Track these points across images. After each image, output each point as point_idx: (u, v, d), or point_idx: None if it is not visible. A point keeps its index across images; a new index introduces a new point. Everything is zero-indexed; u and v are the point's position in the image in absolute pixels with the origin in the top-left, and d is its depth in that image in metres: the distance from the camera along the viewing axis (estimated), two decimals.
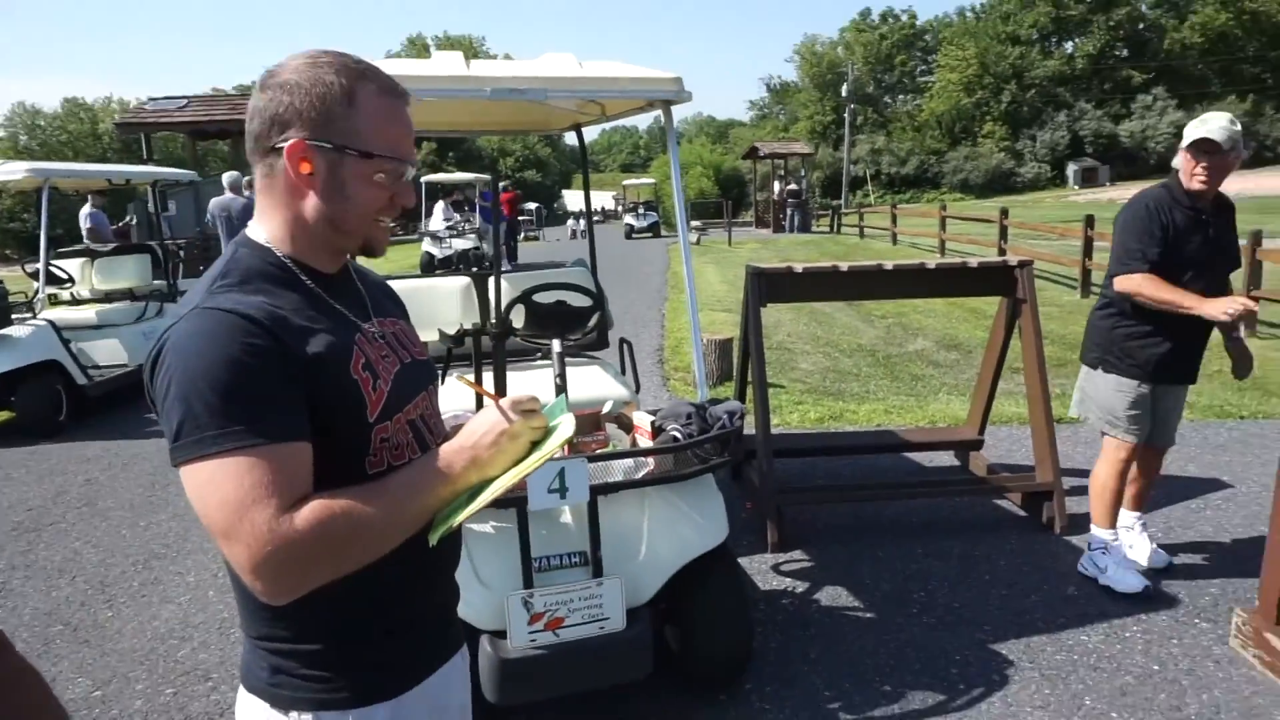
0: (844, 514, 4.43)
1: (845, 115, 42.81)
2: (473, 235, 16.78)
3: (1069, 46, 58.85)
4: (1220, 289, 3.39)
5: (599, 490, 2.55)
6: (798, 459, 5.11)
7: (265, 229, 1.24)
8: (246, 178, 10.25)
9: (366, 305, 1.33)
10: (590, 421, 2.73)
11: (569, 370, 3.81)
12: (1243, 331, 3.27)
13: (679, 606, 2.81)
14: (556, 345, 3.24)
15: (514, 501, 2.48)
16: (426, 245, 16.53)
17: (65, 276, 7.77)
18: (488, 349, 3.20)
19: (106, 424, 6.94)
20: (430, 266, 15.66)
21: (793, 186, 28.44)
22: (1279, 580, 2.92)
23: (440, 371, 3.28)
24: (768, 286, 4.17)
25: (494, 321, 3.16)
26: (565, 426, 1.25)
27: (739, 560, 3.92)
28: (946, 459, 5.18)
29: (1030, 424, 4.32)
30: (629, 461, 2.64)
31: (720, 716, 2.83)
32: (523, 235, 29.41)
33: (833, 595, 3.61)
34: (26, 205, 33.47)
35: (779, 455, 4.91)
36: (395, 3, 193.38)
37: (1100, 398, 3.52)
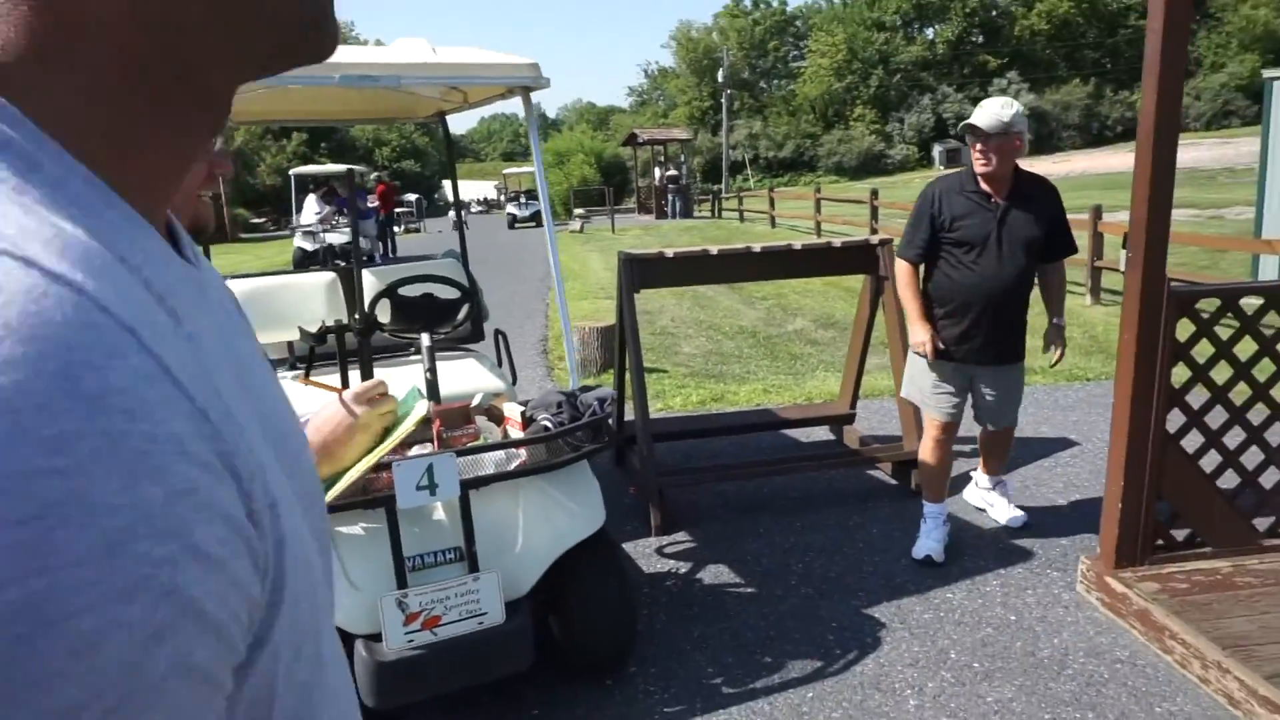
0: (725, 494, 4.53)
1: (722, 100, 43.52)
2: (346, 228, 16.24)
3: (930, 33, 61.58)
4: (1016, 269, 3.44)
5: (469, 484, 2.51)
6: (680, 442, 5.18)
7: None
8: None
9: None
10: (460, 415, 2.68)
11: (442, 364, 3.74)
12: (1062, 320, 3.67)
13: (559, 596, 2.80)
14: (425, 339, 3.16)
15: (383, 500, 2.42)
16: (299, 240, 15.91)
17: None
18: (353, 346, 3.10)
19: None
20: (304, 262, 15.08)
21: (673, 172, 28.71)
22: (1114, 528, 3.16)
23: (304, 370, 3.16)
24: (640, 272, 4.19)
25: (356, 317, 3.06)
26: (418, 408, 1.25)
27: (623, 545, 3.95)
28: (822, 434, 5.35)
29: (897, 396, 4.51)
30: (500, 454, 2.61)
31: (606, 700, 2.85)
32: (403, 228, 28.67)
33: (715, 573, 3.68)
34: None
35: (660, 439, 4.96)
36: None
37: (913, 376, 3.74)
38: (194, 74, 0.40)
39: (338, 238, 16.03)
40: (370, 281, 3.83)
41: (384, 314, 3.33)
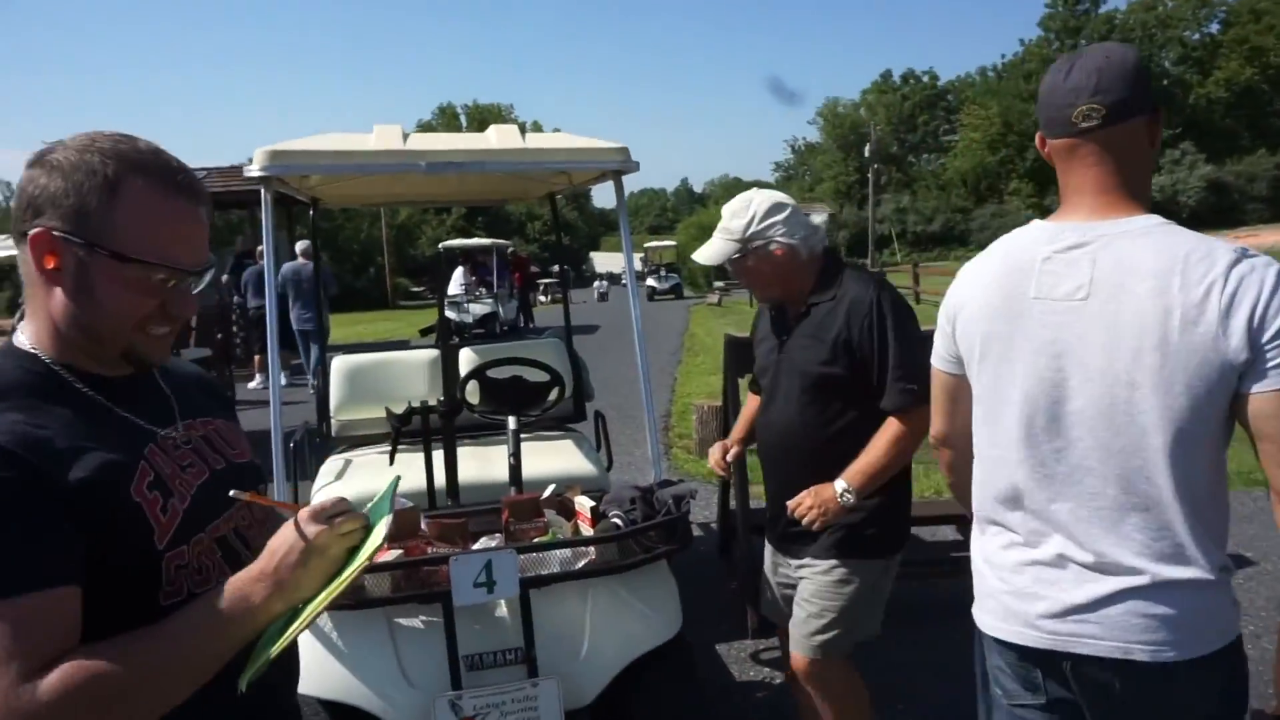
0: None
1: (869, 175, 43.05)
2: (489, 300, 16.90)
3: None
4: (798, 416, 2.43)
5: (530, 583, 2.37)
6: None
7: (31, 330, 1.09)
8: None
9: (172, 407, 1.20)
10: (529, 507, 2.56)
11: (537, 445, 3.68)
12: (851, 489, 2.33)
13: (626, 709, 2.59)
14: (511, 423, 3.10)
15: (439, 595, 2.32)
16: (447, 310, 16.64)
17: None
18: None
19: None
20: (449, 332, 15.75)
21: None
22: None
23: (389, 454, 3.15)
24: (746, 354, 4.00)
25: (442, 399, 3.04)
26: (381, 526, 1.11)
27: (717, 647, 3.69)
28: (950, 534, 4.91)
29: None
30: (566, 551, 2.47)
31: None
32: (549, 298, 29.61)
33: None
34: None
35: (761, 532, 4.70)
36: (427, 74, 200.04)
37: None
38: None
39: (480, 308, 16.73)
40: (468, 360, 3.83)
41: (476, 395, 3.31)
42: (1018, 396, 1.49)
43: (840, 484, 2.30)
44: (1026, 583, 1.50)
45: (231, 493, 1.10)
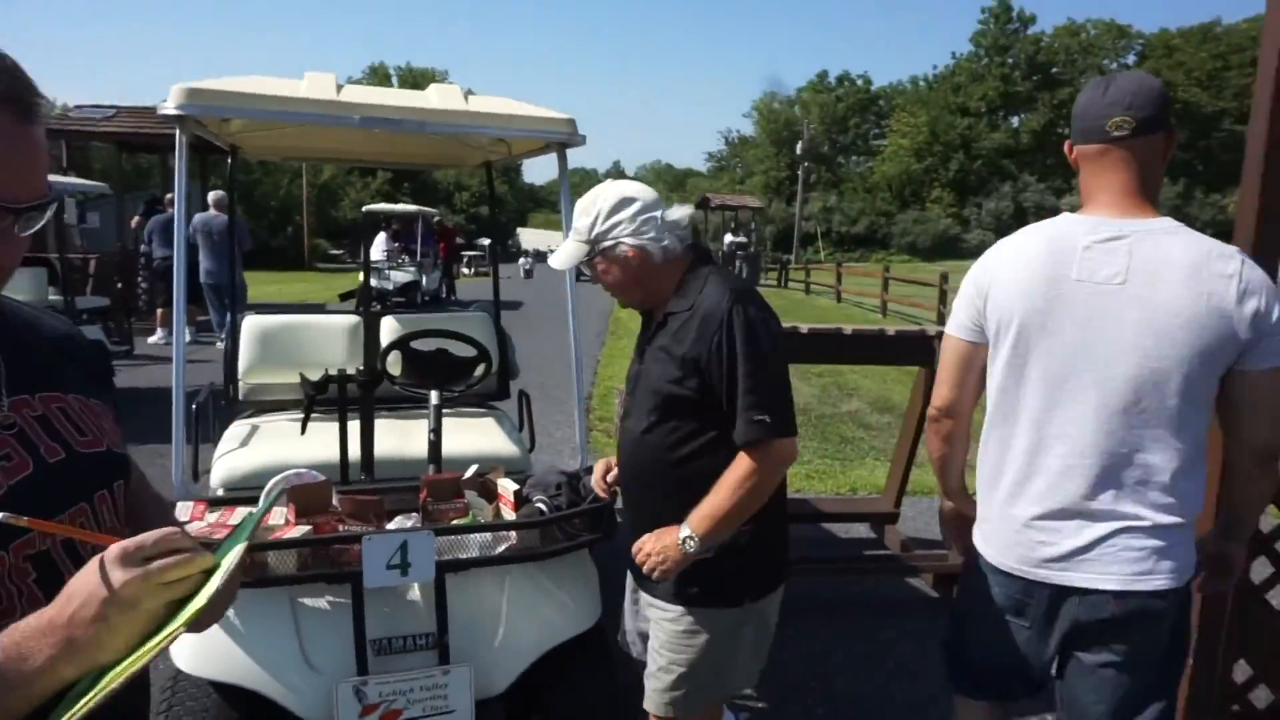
0: None
1: (799, 172, 43.62)
2: (412, 268, 16.46)
3: (1015, 121, 61.07)
4: (642, 435, 2.09)
5: (446, 567, 2.26)
6: None
7: None
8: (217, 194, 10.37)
9: None
10: (449, 487, 2.45)
11: (458, 422, 3.55)
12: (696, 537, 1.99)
13: (540, 698, 2.52)
14: (434, 397, 2.97)
15: (348, 575, 2.19)
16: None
17: None
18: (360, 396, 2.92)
19: None
20: (370, 298, 15.27)
21: (740, 239, 28.66)
22: (1185, 688, 2.74)
23: (300, 422, 2.98)
24: None
25: (361, 368, 2.88)
26: (220, 571, 0.86)
27: None
28: (863, 530, 4.98)
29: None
30: (486, 535, 2.37)
31: None
32: (473, 270, 29.10)
33: None
34: None
35: None
36: (361, 31, 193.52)
37: None
38: None
39: (402, 276, 16.28)
40: (391, 329, 3.67)
41: (398, 366, 3.16)
42: (1054, 363, 1.75)
43: (684, 529, 1.96)
44: (1035, 531, 1.80)
45: (0, 515, 0.82)
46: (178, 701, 2.26)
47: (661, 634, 2.16)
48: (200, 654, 2.22)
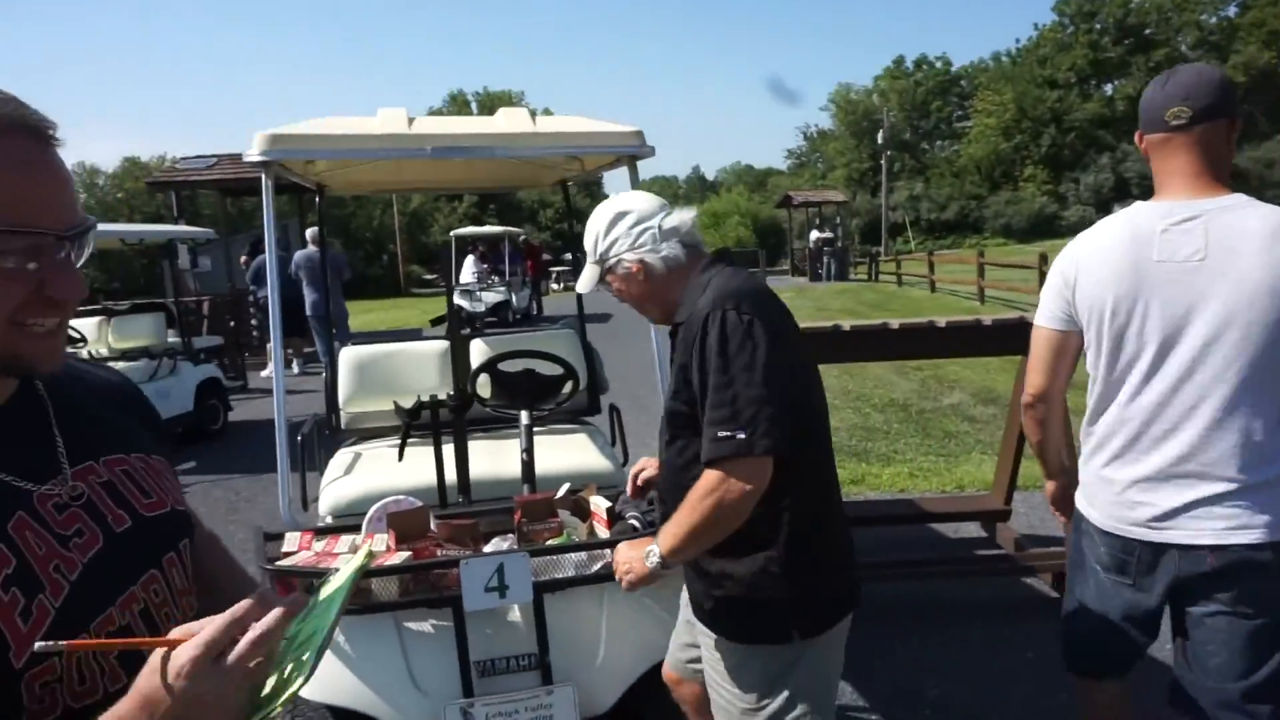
0: None
1: (882, 162, 42.68)
2: (502, 289, 16.80)
3: (1108, 89, 58.21)
4: (661, 435, 2.03)
5: (544, 587, 2.27)
6: None
7: None
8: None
9: (57, 448, 0.90)
10: (543, 507, 2.46)
11: (551, 439, 3.57)
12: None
13: (645, 717, 2.50)
14: (524, 417, 3.00)
15: (450, 600, 2.22)
16: (457, 299, 16.52)
17: (78, 336, 7.77)
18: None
19: None
20: (458, 323, 15.66)
21: (827, 234, 28.20)
22: None
23: (399, 450, 3.05)
24: None
25: (451, 393, 2.93)
26: (310, 653, 0.80)
27: None
28: (973, 530, 4.79)
29: None
30: (581, 554, 2.36)
31: None
32: (561, 285, 29.54)
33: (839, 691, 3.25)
34: (88, 262, 34.45)
35: None
36: (438, 60, 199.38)
37: None
38: None
39: (493, 296, 16.63)
40: (480, 351, 3.73)
41: (487, 388, 3.21)
42: (1146, 340, 1.89)
43: (651, 543, 1.88)
44: (1135, 493, 1.94)
45: (37, 646, 0.76)
46: None
47: (708, 665, 1.99)
48: (316, 679, 2.29)
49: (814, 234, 28.70)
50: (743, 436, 1.68)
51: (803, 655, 1.86)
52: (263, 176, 2.69)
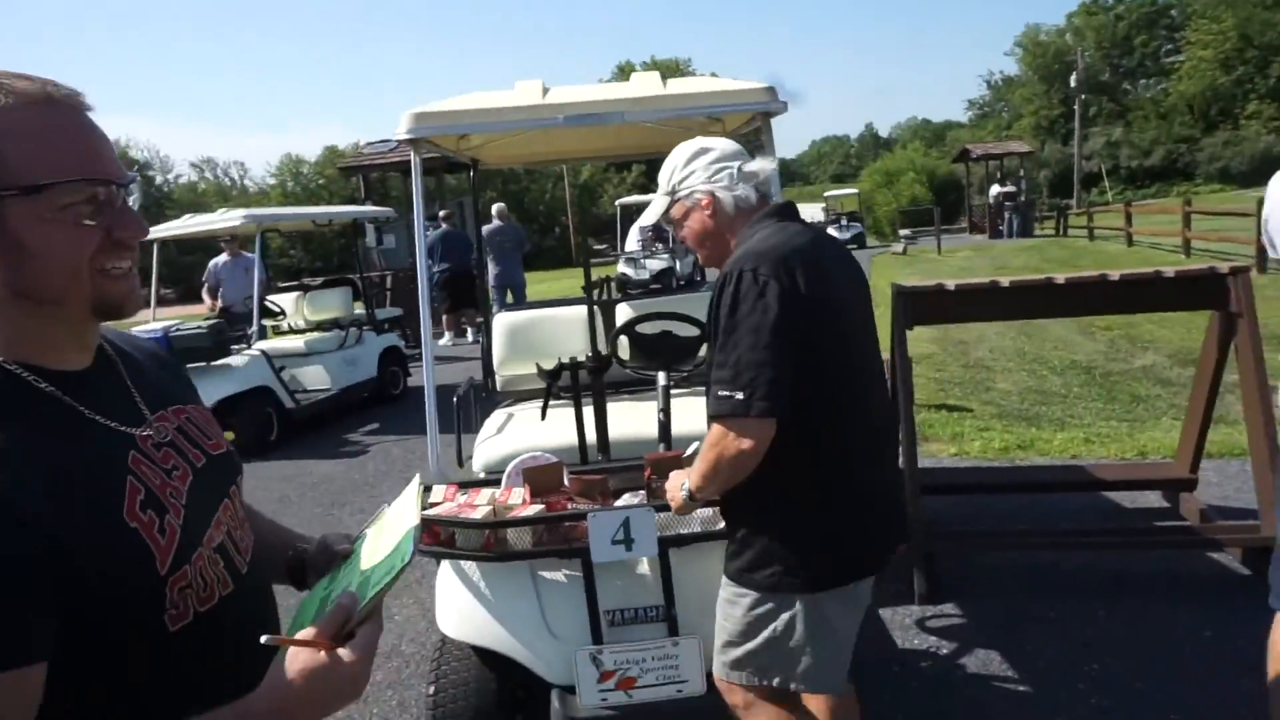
0: (1014, 565, 3.87)
1: (1075, 107, 39.30)
2: (665, 256, 16.94)
3: None
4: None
5: (669, 542, 2.33)
6: (967, 496, 4.57)
7: None
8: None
9: (135, 400, 1.01)
10: (672, 464, 2.50)
11: (687, 402, 3.61)
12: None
13: None
14: (661, 378, 3.06)
15: (579, 551, 2.32)
16: (622, 267, 16.85)
17: (278, 310, 8.57)
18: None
19: (308, 444, 7.54)
20: (591, 288, 15.95)
21: (1009, 188, 26.40)
22: None
23: (541, 409, 3.19)
24: (913, 307, 3.74)
25: (590, 355, 3.02)
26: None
27: (880, 611, 3.53)
28: (1153, 500, 4.42)
29: (1251, 462, 3.57)
30: (708, 510, 2.39)
31: None
32: None
33: (984, 661, 3.13)
34: (293, 243, 37.77)
35: (942, 492, 4.44)
36: (609, 31, 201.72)
37: None
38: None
39: (656, 264, 16.82)
40: (625, 315, 3.81)
41: (627, 350, 3.28)
42: None
43: (685, 476, 2.00)
44: None
45: (264, 639, 0.90)
46: (445, 663, 2.54)
47: (720, 594, 2.08)
48: (461, 621, 2.47)
49: (995, 188, 26.96)
50: (740, 397, 1.74)
51: (795, 609, 1.90)
52: (411, 152, 2.87)
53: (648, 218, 2.18)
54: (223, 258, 9.21)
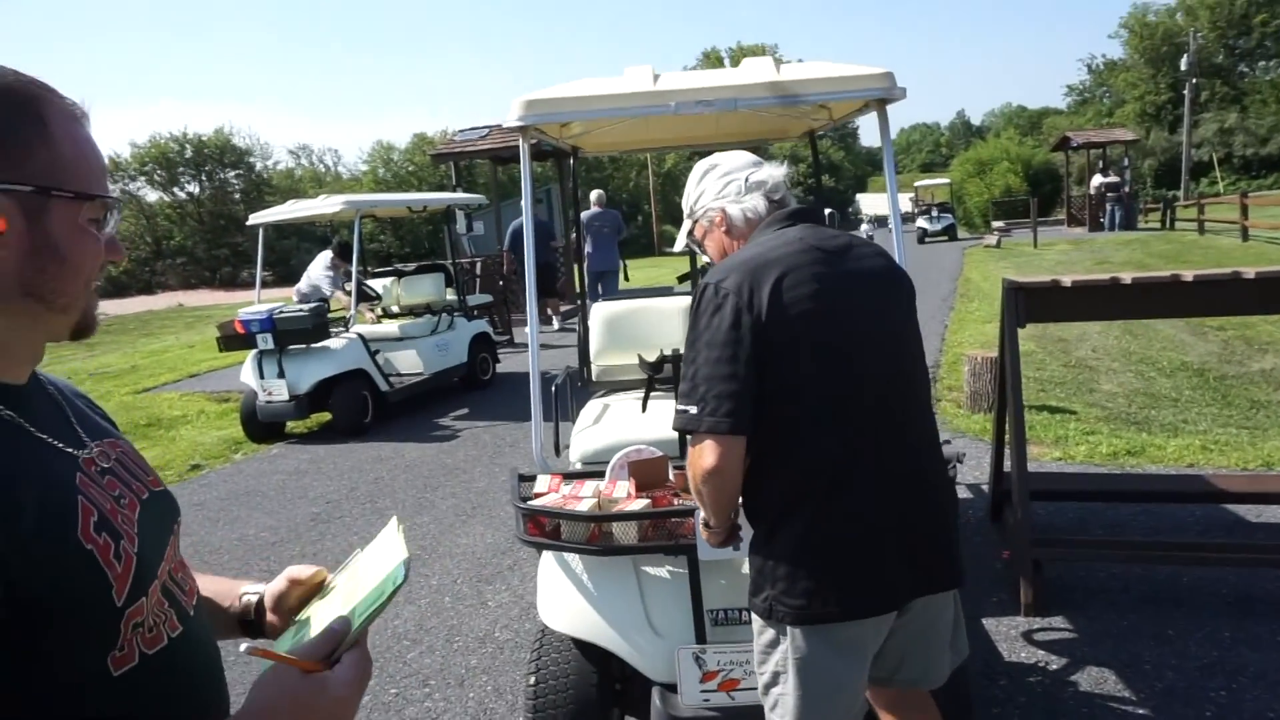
0: (1126, 577, 3.69)
1: (1185, 92, 37.24)
2: None
3: None
4: None
5: None
6: (1075, 504, 4.37)
7: None
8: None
9: (72, 423, 0.95)
10: (652, 469, 2.47)
11: None
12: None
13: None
14: None
15: (684, 548, 2.29)
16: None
17: (374, 294, 8.79)
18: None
19: (400, 427, 7.72)
20: (698, 279, 15.88)
21: (1112, 179, 25.20)
22: None
23: (642, 402, 3.17)
24: (1028, 304, 3.58)
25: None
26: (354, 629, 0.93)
27: (983, 621, 3.41)
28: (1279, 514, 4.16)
29: None
30: None
31: None
32: None
33: (1095, 680, 2.99)
34: (383, 229, 38.77)
35: (1049, 498, 4.27)
36: (693, 18, 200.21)
37: None
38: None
39: None
40: None
41: None
42: None
43: None
44: None
45: (244, 646, 0.89)
46: (545, 654, 2.54)
47: None
48: (563, 613, 2.48)
49: (1096, 178, 25.78)
50: (694, 412, 1.70)
51: (790, 638, 1.79)
52: (520, 140, 2.87)
53: (679, 244, 2.19)
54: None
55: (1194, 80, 36.97)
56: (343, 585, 1.08)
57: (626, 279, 12.28)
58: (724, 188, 1.99)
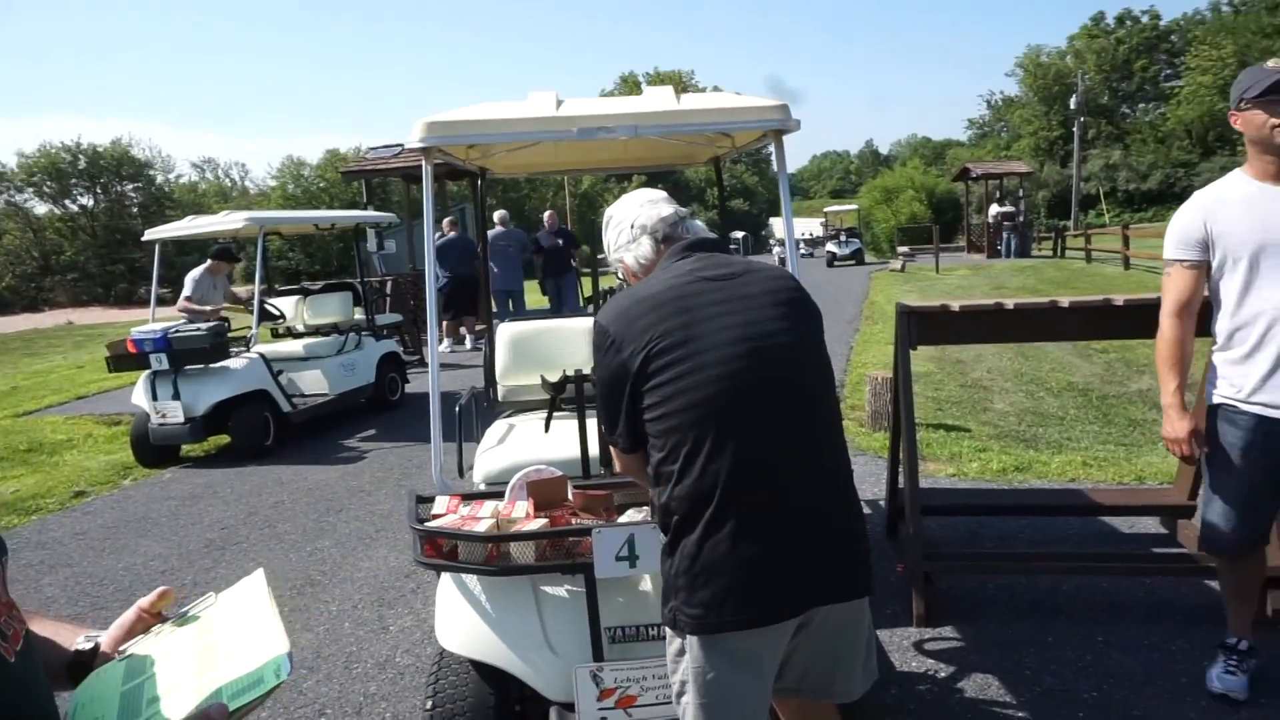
0: (1011, 588, 3.86)
1: (1074, 129, 39.50)
2: None
3: None
4: None
5: None
6: (965, 518, 4.56)
7: None
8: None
9: None
10: (597, 500, 2.52)
11: None
12: None
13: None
14: None
15: (582, 566, 2.31)
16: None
17: (277, 314, 8.55)
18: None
19: (304, 449, 7.51)
20: (598, 301, 15.96)
21: (1008, 208, 26.50)
22: None
23: (545, 421, 3.18)
24: (919, 327, 3.74)
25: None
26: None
27: (878, 633, 3.51)
28: (1150, 526, 4.42)
29: None
30: None
31: None
32: None
33: (982, 686, 3.12)
34: (292, 246, 37.69)
35: (940, 513, 4.44)
36: (612, 42, 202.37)
37: None
38: None
39: None
40: None
41: None
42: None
43: None
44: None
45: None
46: (443, 676, 2.52)
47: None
48: (461, 634, 2.46)
49: (993, 208, 27.06)
50: (605, 429, 1.99)
51: (688, 648, 1.85)
52: (423, 161, 2.87)
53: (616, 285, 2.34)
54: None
55: (1082, 119, 39.24)
56: (195, 635, 1.04)
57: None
58: (618, 237, 2.13)
